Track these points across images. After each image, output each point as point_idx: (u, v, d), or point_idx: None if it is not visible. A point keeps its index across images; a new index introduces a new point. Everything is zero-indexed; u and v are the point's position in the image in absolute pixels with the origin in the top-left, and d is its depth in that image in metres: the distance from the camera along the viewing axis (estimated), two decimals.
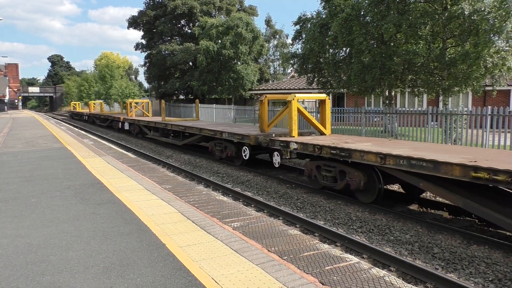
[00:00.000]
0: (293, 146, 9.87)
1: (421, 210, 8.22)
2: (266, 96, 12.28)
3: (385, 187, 8.51)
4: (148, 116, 26.30)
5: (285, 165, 12.48)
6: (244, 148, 12.18)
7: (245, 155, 12.24)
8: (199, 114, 22.51)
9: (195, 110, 22.94)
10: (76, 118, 46.30)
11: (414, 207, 8.32)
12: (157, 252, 3.94)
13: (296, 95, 10.98)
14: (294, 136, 10.83)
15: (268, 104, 12.85)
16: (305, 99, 18.62)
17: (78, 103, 47.43)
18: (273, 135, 11.20)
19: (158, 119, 22.23)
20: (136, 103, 27.89)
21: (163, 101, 23.44)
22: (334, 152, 8.54)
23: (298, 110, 11.11)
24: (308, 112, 18.05)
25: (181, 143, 17.33)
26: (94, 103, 43.78)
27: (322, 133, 11.53)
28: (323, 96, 11.63)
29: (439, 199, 8.61)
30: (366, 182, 8.05)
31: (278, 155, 10.63)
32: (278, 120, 12.40)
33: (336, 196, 9.02)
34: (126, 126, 25.00)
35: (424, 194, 8.92)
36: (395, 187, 9.77)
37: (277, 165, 10.83)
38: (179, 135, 17.97)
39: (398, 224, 7.15)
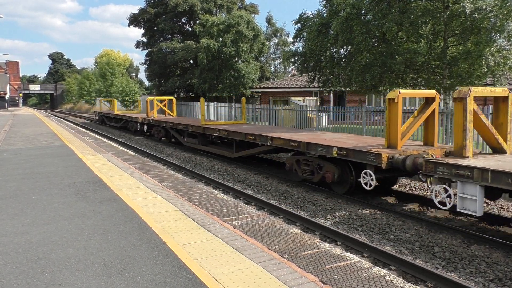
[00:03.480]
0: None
1: (422, 209, 8.21)
2: (400, 93, 7.97)
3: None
4: (172, 116, 22.46)
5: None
6: (366, 172, 7.89)
7: (367, 182, 7.91)
8: (245, 115, 17.46)
9: (241, 111, 17.70)
10: (113, 125, 29.32)
11: (414, 206, 8.31)
12: (158, 250, 3.94)
13: (474, 89, 7.02)
14: (468, 157, 6.94)
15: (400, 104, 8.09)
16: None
17: (114, 100, 34.06)
18: (424, 154, 7.61)
19: (188, 120, 18.85)
20: (160, 100, 23.35)
21: (202, 98, 17.53)
22: None
23: (474, 113, 7.10)
24: (310, 112, 18.11)
25: (234, 156, 13.23)
26: (103, 101, 38.20)
27: (498, 151, 7.57)
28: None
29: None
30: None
31: (446, 190, 6.51)
32: (415, 128, 8.61)
33: (336, 195, 9.02)
34: (146, 129, 21.09)
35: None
36: None
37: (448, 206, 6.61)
38: (231, 144, 13.68)
39: (399, 223, 7.14)
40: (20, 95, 73.94)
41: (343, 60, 17.21)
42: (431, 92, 8.60)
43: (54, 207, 5.48)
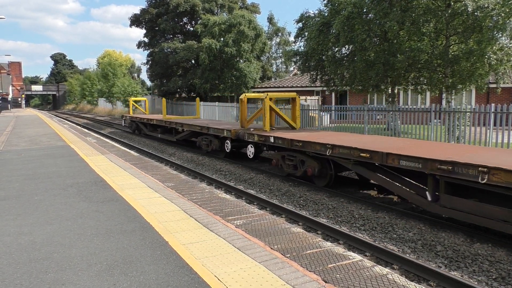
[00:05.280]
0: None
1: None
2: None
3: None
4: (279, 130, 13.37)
5: None
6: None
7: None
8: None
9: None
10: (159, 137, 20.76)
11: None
12: (160, 250, 3.95)
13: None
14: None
15: None
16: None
17: (145, 100, 27.57)
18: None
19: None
20: (281, 98, 15.79)
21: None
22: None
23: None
24: (310, 109, 18.14)
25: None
26: (133, 102, 28.19)
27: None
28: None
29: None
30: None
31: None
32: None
33: (338, 194, 9.02)
34: (251, 151, 12.22)
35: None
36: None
37: None
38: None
39: (401, 222, 7.14)
40: (23, 96, 74.17)
41: (345, 59, 17.20)
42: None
43: (57, 208, 5.50)
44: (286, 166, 10.56)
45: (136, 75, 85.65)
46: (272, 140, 10.89)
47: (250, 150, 12.13)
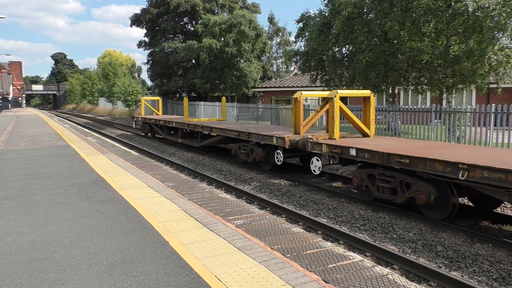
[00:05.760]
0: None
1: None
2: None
3: None
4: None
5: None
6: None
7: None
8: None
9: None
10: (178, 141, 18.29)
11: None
12: (160, 250, 3.95)
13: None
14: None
15: None
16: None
17: (158, 100, 24.71)
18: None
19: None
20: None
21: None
22: None
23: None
24: (311, 109, 18.07)
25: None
26: (145, 101, 25.63)
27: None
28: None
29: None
30: None
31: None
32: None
33: (339, 194, 9.02)
34: (317, 165, 9.68)
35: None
36: None
37: None
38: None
39: (401, 222, 7.13)
40: (23, 95, 74.23)
41: (345, 59, 17.20)
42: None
43: (57, 207, 5.50)
44: (377, 189, 7.82)
45: (136, 74, 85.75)
46: (353, 153, 8.06)
47: (316, 165, 9.23)
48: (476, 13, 11.88)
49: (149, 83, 69.53)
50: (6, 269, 3.56)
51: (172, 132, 19.01)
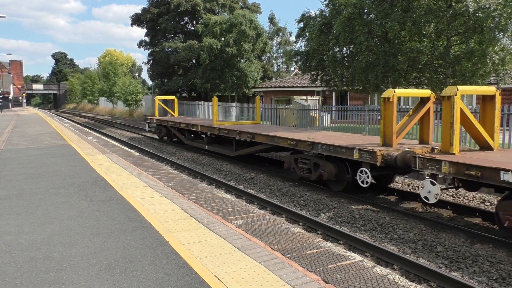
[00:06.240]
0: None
1: (425, 209, 8.18)
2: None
3: None
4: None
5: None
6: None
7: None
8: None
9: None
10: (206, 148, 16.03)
11: (417, 205, 8.27)
12: (160, 250, 3.95)
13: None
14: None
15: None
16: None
17: (174, 99, 23.09)
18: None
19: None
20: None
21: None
22: None
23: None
24: (311, 109, 18.08)
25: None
26: (159, 101, 22.78)
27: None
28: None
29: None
30: None
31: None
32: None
33: (339, 194, 9.01)
34: (434, 191, 7.04)
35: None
36: None
37: None
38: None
39: (402, 223, 7.13)
40: (24, 95, 74.22)
41: (346, 59, 17.19)
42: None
43: (57, 207, 5.50)
44: (299, 169, 7.80)
45: (137, 74, 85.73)
46: (508, 178, 5.74)
47: (432, 190, 6.80)
48: (477, 14, 11.87)
49: (149, 82, 69.54)
50: (6, 269, 3.56)
51: (193, 136, 17.08)
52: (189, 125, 16.21)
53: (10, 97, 58.33)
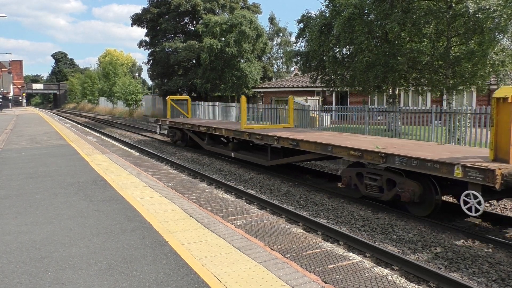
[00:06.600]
0: None
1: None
2: None
3: None
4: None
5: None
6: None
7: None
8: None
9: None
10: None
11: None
12: (160, 250, 3.95)
13: None
14: None
15: None
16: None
17: (187, 99, 21.70)
18: None
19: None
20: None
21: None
22: None
23: None
24: (311, 109, 18.07)
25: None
26: (172, 101, 21.22)
27: None
28: None
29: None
30: None
31: None
32: None
33: (338, 195, 9.01)
34: None
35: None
36: None
37: None
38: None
39: (401, 223, 7.13)
40: (24, 94, 74.17)
41: (346, 60, 17.20)
42: None
43: (57, 206, 5.50)
44: (364, 187, 6.71)
45: (137, 74, 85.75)
46: None
47: None
48: (477, 15, 11.89)
49: (149, 82, 69.59)
50: (6, 268, 3.56)
51: (213, 140, 15.25)
52: (210, 128, 14.26)
53: (10, 97, 58.30)
